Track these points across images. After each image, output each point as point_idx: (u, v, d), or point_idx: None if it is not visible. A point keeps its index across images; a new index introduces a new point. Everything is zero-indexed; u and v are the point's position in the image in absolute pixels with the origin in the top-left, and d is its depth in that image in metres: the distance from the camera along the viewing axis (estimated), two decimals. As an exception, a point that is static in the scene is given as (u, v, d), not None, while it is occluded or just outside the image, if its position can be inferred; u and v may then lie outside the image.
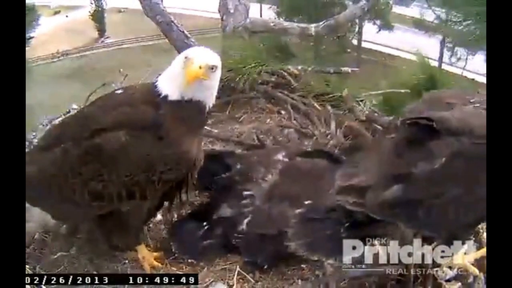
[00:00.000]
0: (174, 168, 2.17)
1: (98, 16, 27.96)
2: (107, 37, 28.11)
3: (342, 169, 2.43)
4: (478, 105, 2.19)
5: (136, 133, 2.13)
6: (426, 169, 2.00)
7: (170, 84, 2.20)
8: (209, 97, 2.26)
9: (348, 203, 2.17)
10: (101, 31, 28.20)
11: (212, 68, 2.17)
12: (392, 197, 2.05)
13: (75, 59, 25.01)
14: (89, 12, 27.86)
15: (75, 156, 2.18)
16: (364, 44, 23.80)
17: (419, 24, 20.29)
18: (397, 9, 22.42)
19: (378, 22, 22.22)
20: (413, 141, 2.10)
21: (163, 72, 2.29)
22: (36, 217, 2.48)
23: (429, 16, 19.25)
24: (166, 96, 2.18)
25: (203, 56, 2.16)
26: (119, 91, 2.42)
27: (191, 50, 2.25)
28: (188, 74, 2.11)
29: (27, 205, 2.20)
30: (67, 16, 29.68)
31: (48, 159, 2.25)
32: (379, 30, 22.17)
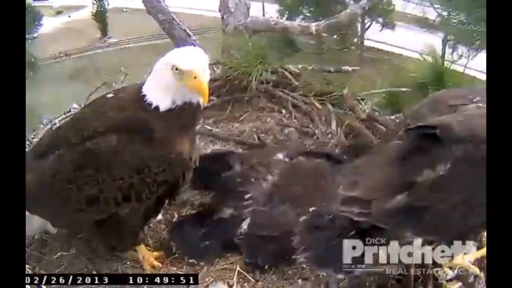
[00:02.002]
0: (167, 170, 2.16)
1: (100, 16, 27.97)
2: (110, 37, 28.14)
3: (344, 176, 2.39)
4: (481, 104, 2.18)
5: (128, 137, 2.12)
6: (431, 177, 2.00)
7: (161, 94, 2.15)
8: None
9: (354, 214, 2.15)
10: (104, 31, 28.24)
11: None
12: (397, 206, 2.04)
13: (78, 59, 25.03)
14: (91, 12, 27.88)
15: (69, 161, 2.18)
16: (366, 42, 23.78)
17: (422, 22, 20.26)
18: (399, 8, 22.38)
19: (380, 20, 22.22)
20: (417, 149, 2.10)
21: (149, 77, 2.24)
22: (36, 218, 2.47)
23: (431, 14, 19.22)
24: (157, 107, 2.14)
25: (197, 64, 2.10)
26: (110, 95, 2.40)
27: (180, 61, 2.12)
28: (203, 93, 2.08)
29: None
30: (69, 16, 29.76)
31: (44, 167, 2.25)
32: (382, 28, 22.17)
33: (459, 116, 2.12)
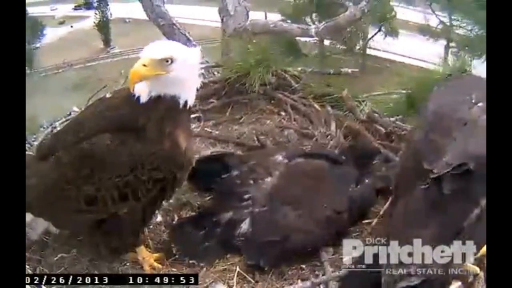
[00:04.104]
0: (161, 166, 2.17)
1: (103, 27, 28.16)
2: (112, 48, 28.27)
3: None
4: (481, 104, 2.18)
5: (119, 135, 2.14)
6: (476, 215, 2.02)
7: (143, 85, 2.15)
8: (179, 91, 2.17)
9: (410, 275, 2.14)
10: (106, 41, 28.39)
11: (167, 61, 2.08)
12: None
13: (80, 69, 25.14)
14: (94, 22, 28.08)
15: (67, 162, 2.21)
16: (368, 51, 23.78)
17: (424, 30, 20.29)
18: (400, 15, 22.41)
19: (383, 28, 22.20)
20: (454, 192, 2.08)
21: None
22: (40, 221, 2.49)
23: (433, 21, 19.24)
24: (138, 98, 2.16)
25: (149, 52, 2.09)
26: (107, 95, 2.45)
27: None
28: (130, 73, 2.07)
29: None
30: (71, 27, 29.94)
31: (44, 169, 2.28)
32: (385, 37, 22.14)
33: (479, 136, 2.05)
